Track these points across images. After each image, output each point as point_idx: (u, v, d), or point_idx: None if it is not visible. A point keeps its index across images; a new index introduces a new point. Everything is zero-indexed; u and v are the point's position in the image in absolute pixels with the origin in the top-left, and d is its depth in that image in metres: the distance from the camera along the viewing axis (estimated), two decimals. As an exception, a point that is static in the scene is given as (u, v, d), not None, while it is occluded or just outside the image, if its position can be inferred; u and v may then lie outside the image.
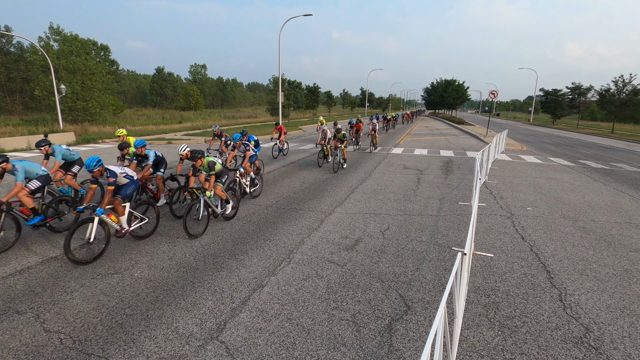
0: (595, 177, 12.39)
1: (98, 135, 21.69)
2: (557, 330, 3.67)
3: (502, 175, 12.01)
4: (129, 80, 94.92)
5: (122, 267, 4.88)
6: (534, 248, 5.81)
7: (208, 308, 3.95)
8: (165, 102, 79.13)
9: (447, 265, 5.11)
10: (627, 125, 59.38)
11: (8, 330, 3.54)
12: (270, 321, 3.74)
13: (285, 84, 46.77)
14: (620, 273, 4.99)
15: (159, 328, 3.60)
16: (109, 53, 55.98)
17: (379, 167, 13.15)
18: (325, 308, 3.99)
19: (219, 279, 4.60)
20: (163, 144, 19.50)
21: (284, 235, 6.18)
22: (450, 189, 9.85)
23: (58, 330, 3.55)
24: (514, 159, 15.95)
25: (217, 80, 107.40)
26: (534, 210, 7.95)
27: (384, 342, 3.45)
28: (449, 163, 14.39)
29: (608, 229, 6.88)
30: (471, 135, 28.51)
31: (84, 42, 35.35)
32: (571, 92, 53.54)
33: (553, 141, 27.40)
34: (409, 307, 4.05)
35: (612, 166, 15.31)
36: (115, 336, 3.47)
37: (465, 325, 3.71)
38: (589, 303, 4.20)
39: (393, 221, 7.00)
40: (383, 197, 8.83)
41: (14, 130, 22.07)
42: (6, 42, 50.11)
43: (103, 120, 32.79)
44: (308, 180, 10.62)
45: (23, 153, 15.37)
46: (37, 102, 43.51)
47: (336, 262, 5.16)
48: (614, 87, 41.65)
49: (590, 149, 22.47)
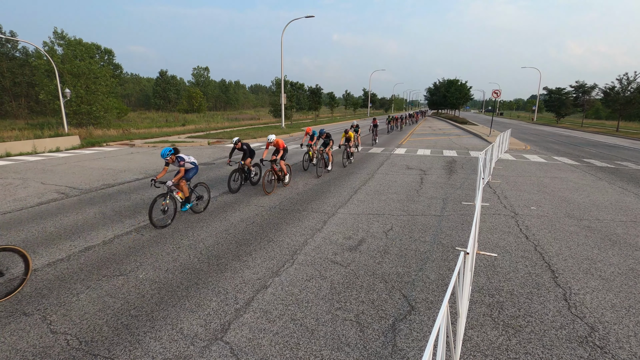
0: (600, 175, 12.31)
1: (102, 139, 21.85)
2: (562, 330, 3.65)
3: (506, 174, 11.97)
4: (133, 83, 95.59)
5: (127, 269, 4.92)
6: (538, 247, 5.79)
7: (212, 309, 3.98)
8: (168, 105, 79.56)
9: (451, 265, 5.10)
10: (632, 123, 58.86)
11: (16, 331, 3.58)
12: (274, 322, 3.75)
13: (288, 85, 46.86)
14: (625, 272, 4.96)
15: (164, 329, 3.63)
16: (113, 57, 56.43)
17: (382, 167, 13.14)
18: (329, 308, 4.00)
19: (223, 280, 4.62)
20: (167, 146, 19.61)
21: (288, 236, 6.20)
22: (454, 189, 9.83)
23: (64, 331, 3.59)
24: (518, 159, 15.88)
25: (219, 82, 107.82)
26: (538, 210, 7.92)
27: (387, 342, 3.45)
28: (452, 163, 14.36)
29: (613, 227, 6.83)
30: (474, 135, 28.41)
31: (88, 47, 35.65)
32: (575, 90, 53.23)
33: (557, 140, 27.24)
34: (412, 307, 4.05)
35: (617, 165, 15.20)
36: (120, 337, 3.50)
37: (469, 325, 3.71)
38: (594, 302, 4.17)
39: (396, 221, 7.00)
40: (386, 197, 8.83)
41: (19, 134, 22.26)
42: (11, 47, 50.62)
43: (107, 124, 33.03)
44: (311, 181, 10.63)
45: (29, 157, 15.53)
46: (42, 106, 43.87)
47: (340, 262, 5.17)
48: (619, 85, 41.34)
49: (595, 148, 22.32)
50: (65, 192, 9.14)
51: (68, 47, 34.10)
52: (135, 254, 5.41)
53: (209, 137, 23.91)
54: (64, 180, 10.53)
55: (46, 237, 6.09)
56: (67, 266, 5.00)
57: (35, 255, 5.32)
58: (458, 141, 23.59)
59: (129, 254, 5.40)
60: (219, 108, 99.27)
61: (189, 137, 23.93)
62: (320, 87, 58.59)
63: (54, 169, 12.48)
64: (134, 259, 5.25)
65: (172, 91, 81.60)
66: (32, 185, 9.93)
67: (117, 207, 7.85)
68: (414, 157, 16.03)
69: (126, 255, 5.36)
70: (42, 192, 9.17)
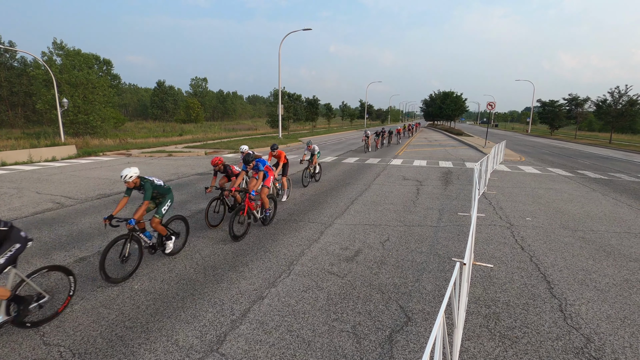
0: (593, 187, 12.44)
1: (99, 148, 21.81)
2: (558, 341, 3.66)
3: (501, 185, 12.06)
4: (130, 93, 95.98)
5: (122, 280, 4.87)
6: (533, 258, 5.82)
7: (208, 320, 3.95)
8: (166, 115, 79.82)
9: (447, 276, 5.11)
10: (624, 135, 59.73)
11: (8, 343, 3.53)
12: (271, 333, 3.73)
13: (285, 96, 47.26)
14: (620, 283, 4.99)
15: (159, 340, 3.59)
16: (111, 67, 56.78)
17: (379, 178, 13.21)
18: (326, 319, 3.99)
19: (219, 291, 4.59)
20: (164, 156, 19.61)
21: (284, 246, 6.19)
22: (450, 199, 9.88)
23: (58, 343, 3.54)
24: (513, 170, 16.02)
25: (217, 93, 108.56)
26: (533, 221, 7.97)
27: (384, 354, 3.44)
28: (448, 174, 14.46)
29: (607, 238, 6.89)
30: (470, 146, 28.68)
31: (87, 57, 35.89)
32: (568, 103, 54.12)
33: (551, 151, 27.55)
34: (409, 318, 4.04)
35: (610, 176, 15.38)
36: (115, 349, 3.46)
37: (466, 336, 3.70)
38: (590, 313, 4.19)
39: (393, 232, 7.02)
40: (383, 208, 8.86)
41: (15, 143, 22.19)
42: (10, 57, 50.81)
43: (104, 133, 33.04)
44: (307, 191, 10.65)
45: (24, 166, 15.46)
46: (38, 115, 43.86)
47: (336, 273, 5.17)
48: (610, 98, 42.13)
49: (589, 159, 22.59)
50: (61, 202, 9.09)
51: (67, 57, 34.33)
52: (130, 265, 5.36)
53: (206, 147, 23.95)
54: (60, 190, 10.47)
55: (41, 247, 6.03)
56: (61, 277, 4.94)
57: (29, 266, 5.27)
58: (454, 152, 23.79)
59: (124, 265, 5.36)
60: (216, 118, 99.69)
61: (186, 147, 23.95)
62: (317, 98, 59.13)
63: (50, 178, 12.42)
64: (129, 269, 5.20)
65: (169, 101, 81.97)
66: (27, 194, 9.87)
67: (113, 217, 7.79)
68: (410, 168, 16.14)
69: (121, 267, 5.31)
70: (38, 201, 9.11)
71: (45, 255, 5.69)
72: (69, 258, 5.58)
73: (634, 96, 40.22)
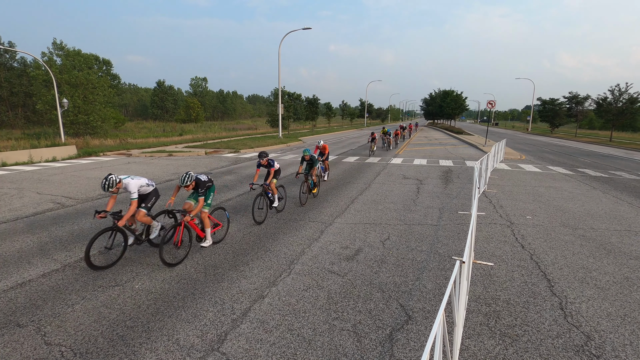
0: (594, 185, 12.43)
1: (99, 149, 21.81)
2: (558, 339, 3.66)
3: (501, 184, 12.06)
4: (130, 93, 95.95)
5: (123, 279, 4.89)
6: (534, 256, 5.82)
7: (209, 319, 3.96)
8: (166, 115, 79.80)
9: (448, 274, 5.12)
10: (625, 133, 59.70)
11: (9, 343, 3.54)
12: (271, 332, 3.74)
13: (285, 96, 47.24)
14: (620, 281, 5.00)
15: (160, 340, 3.60)
16: (111, 67, 56.76)
17: (379, 177, 13.21)
18: (326, 318, 3.99)
19: (220, 290, 4.60)
20: (164, 156, 19.62)
21: (285, 246, 6.20)
22: (450, 198, 9.89)
23: (59, 343, 3.55)
24: (513, 168, 16.02)
25: (217, 92, 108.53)
26: (533, 219, 7.97)
27: (385, 352, 3.45)
28: (448, 173, 14.46)
29: (608, 236, 6.89)
30: (470, 145, 28.66)
31: (87, 57, 35.87)
32: (568, 101, 54.08)
33: (552, 150, 27.53)
34: (409, 316, 4.05)
35: (610, 174, 15.37)
36: (116, 348, 3.47)
37: (466, 335, 3.71)
38: (590, 311, 4.20)
39: (393, 231, 7.02)
40: (383, 207, 8.86)
41: (15, 144, 22.19)
42: (9, 58, 50.80)
43: (104, 134, 33.03)
44: (308, 191, 10.64)
45: (25, 167, 15.47)
46: (39, 116, 43.86)
47: (337, 272, 5.17)
48: (611, 96, 42.09)
49: (589, 157, 22.57)
50: (61, 202, 9.10)
51: (67, 57, 34.33)
52: (131, 264, 5.38)
53: (206, 146, 23.95)
54: (60, 190, 10.48)
55: (41, 247, 6.05)
56: (62, 277, 4.96)
57: (30, 266, 5.28)
58: (454, 151, 23.78)
59: (125, 264, 5.37)
60: (216, 118, 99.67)
61: (186, 147, 23.96)
62: (317, 97, 59.01)
63: (50, 178, 12.43)
64: (130, 269, 5.22)
65: (169, 101, 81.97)
66: (28, 195, 9.88)
67: (114, 217, 7.80)
68: (411, 166, 16.13)
69: (122, 266, 5.32)
70: (38, 202, 9.12)
71: (46, 255, 5.70)
72: (70, 258, 5.59)
73: (634, 94, 40.22)
